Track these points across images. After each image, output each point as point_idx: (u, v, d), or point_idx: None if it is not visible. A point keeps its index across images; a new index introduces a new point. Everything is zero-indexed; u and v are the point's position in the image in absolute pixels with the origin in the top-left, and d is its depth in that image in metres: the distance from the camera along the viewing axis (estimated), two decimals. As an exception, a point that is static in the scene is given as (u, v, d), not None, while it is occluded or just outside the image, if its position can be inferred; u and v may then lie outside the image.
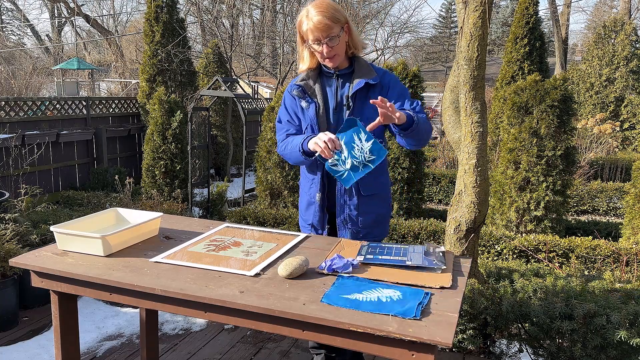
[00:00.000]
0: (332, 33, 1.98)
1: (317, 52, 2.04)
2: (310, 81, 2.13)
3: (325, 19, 1.96)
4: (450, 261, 1.80)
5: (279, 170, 5.20)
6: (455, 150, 2.93)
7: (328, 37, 1.98)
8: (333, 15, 1.98)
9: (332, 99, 2.12)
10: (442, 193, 7.14)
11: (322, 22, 1.95)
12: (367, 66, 2.12)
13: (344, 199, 2.14)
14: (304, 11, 2.02)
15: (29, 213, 4.07)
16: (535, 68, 8.33)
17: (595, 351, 2.42)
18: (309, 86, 2.12)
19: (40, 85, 14.20)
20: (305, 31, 2.01)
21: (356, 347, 1.40)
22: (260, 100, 11.25)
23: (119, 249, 1.86)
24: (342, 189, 2.13)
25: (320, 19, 1.96)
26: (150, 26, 7.64)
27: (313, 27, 1.97)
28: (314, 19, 1.97)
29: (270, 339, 3.03)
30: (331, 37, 1.98)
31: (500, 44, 33.02)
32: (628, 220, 4.44)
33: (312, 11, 1.98)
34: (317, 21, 1.96)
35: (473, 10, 2.48)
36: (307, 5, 2.04)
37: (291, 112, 2.19)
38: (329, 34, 1.98)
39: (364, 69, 2.11)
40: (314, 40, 2.00)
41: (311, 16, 1.98)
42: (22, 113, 5.96)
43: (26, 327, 3.21)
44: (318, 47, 2.01)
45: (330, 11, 1.98)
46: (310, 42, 2.02)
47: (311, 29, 1.98)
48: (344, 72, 2.12)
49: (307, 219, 2.26)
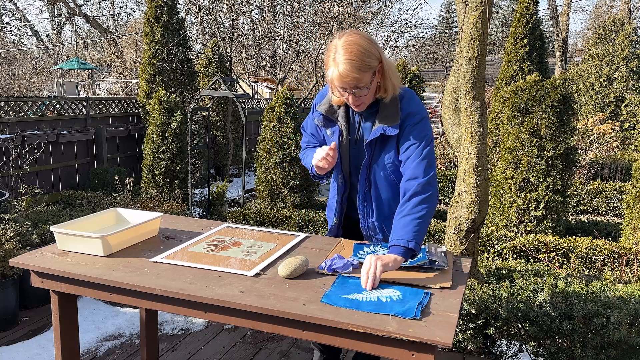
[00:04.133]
0: (360, 84, 1.75)
1: (342, 97, 1.84)
2: (335, 105, 1.97)
3: (353, 71, 1.71)
4: (450, 261, 1.80)
5: (279, 170, 5.20)
6: (455, 150, 2.93)
7: (356, 87, 1.76)
8: (363, 63, 1.71)
9: (354, 131, 1.97)
10: (442, 193, 7.14)
11: (349, 75, 1.71)
12: (394, 107, 1.86)
13: (369, 233, 2.07)
14: (333, 48, 1.76)
15: (29, 213, 4.07)
16: (535, 68, 8.33)
17: (595, 351, 2.42)
18: (333, 111, 1.97)
19: (40, 85, 14.21)
20: (330, 78, 1.78)
21: (356, 347, 1.40)
22: (260, 100, 11.25)
23: (119, 249, 1.86)
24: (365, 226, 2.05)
25: (347, 70, 1.71)
26: (150, 26, 7.64)
27: (339, 77, 1.73)
28: (339, 68, 1.72)
29: (270, 339, 3.03)
30: (359, 88, 1.77)
31: (500, 44, 33.02)
32: (628, 220, 4.44)
33: (340, 56, 1.72)
34: (344, 73, 1.71)
35: (473, 10, 2.48)
36: (338, 38, 1.77)
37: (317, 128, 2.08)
38: (356, 84, 1.75)
39: (388, 110, 1.87)
40: (340, 87, 1.78)
41: (338, 61, 1.72)
42: (22, 113, 5.96)
43: (26, 327, 3.21)
44: (344, 93, 1.80)
45: (361, 58, 1.71)
46: (335, 87, 1.81)
47: (336, 77, 1.74)
48: (368, 112, 1.92)
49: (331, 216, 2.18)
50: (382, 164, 1.92)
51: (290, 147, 5.19)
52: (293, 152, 5.19)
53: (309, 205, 5.26)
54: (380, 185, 1.97)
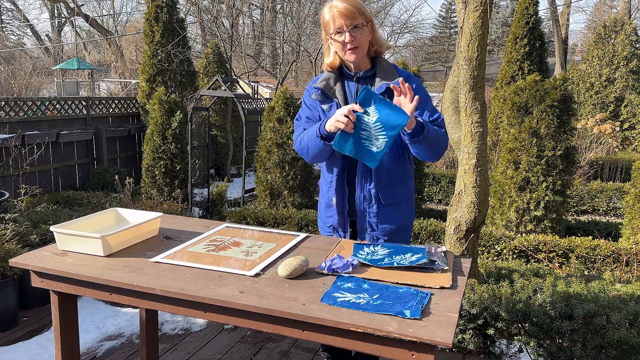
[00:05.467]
0: (356, 21, 1.91)
1: (339, 43, 1.95)
2: (331, 81, 2.05)
3: (350, 6, 1.90)
4: (450, 261, 1.80)
5: (279, 170, 5.20)
6: (455, 150, 2.93)
7: (352, 25, 1.91)
8: (358, 4, 1.93)
9: (352, 101, 2.03)
10: (442, 193, 7.14)
11: (347, 8, 1.90)
12: (390, 68, 2.03)
13: (363, 206, 2.08)
14: (327, 5, 1.97)
15: (29, 213, 4.07)
16: (535, 68, 8.33)
17: (595, 351, 2.42)
18: (329, 87, 2.04)
19: (40, 85, 14.21)
20: (328, 20, 1.95)
21: (356, 347, 1.40)
22: (260, 100, 11.25)
23: (119, 249, 1.86)
24: (361, 197, 2.07)
25: (345, 5, 1.91)
26: (150, 26, 7.64)
27: (337, 13, 1.91)
28: (338, 6, 1.91)
29: (270, 339, 3.03)
30: (355, 26, 1.91)
31: (500, 44, 33.03)
32: (628, 220, 4.44)
33: (337, 1, 1.93)
34: (343, 7, 1.90)
35: (473, 10, 2.48)
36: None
37: (312, 110, 2.12)
38: (352, 22, 1.91)
39: (386, 70, 2.02)
40: (337, 28, 1.93)
41: (335, 4, 1.93)
42: (22, 113, 5.96)
43: (26, 327, 3.21)
44: (340, 37, 1.94)
45: (355, 2, 1.93)
46: (332, 33, 1.95)
47: (335, 15, 1.91)
48: (365, 75, 2.04)
49: (327, 221, 2.20)
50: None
51: (290, 147, 5.18)
52: (293, 152, 5.19)
53: (309, 205, 5.26)
54: None
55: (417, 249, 1.86)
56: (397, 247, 1.90)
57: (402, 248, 1.88)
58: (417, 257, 1.76)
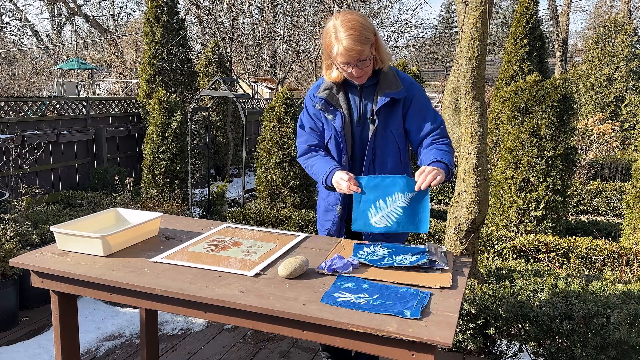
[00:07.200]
0: (362, 56, 1.86)
1: (345, 73, 1.93)
2: (334, 90, 2.04)
3: (356, 45, 1.82)
4: (450, 261, 1.80)
5: (279, 170, 5.19)
6: (455, 150, 2.93)
7: (359, 60, 1.87)
8: (363, 36, 1.84)
9: (356, 110, 2.04)
10: (442, 193, 7.14)
11: (353, 48, 1.82)
12: (393, 77, 2.01)
13: None
14: (332, 28, 1.87)
15: (29, 213, 4.07)
16: (535, 68, 8.32)
17: (595, 351, 2.42)
18: (333, 96, 2.03)
19: (40, 86, 14.22)
20: (334, 55, 1.88)
21: (356, 347, 1.40)
22: (260, 100, 11.25)
23: (119, 249, 1.86)
24: None
25: (351, 44, 1.82)
26: (150, 26, 7.64)
27: (344, 52, 1.84)
28: (344, 43, 1.83)
29: (270, 339, 3.03)
30: (362, 60, 1.87)
31: (500, 44, 33.02)
32: (628, 220, 4.44)
33: (342, 33, 1.83)
34: (349, 47, 1.82)
35: (473, 10, 2.48)
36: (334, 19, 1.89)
37: (315, 120, 2.11)
38: (359, 57, 1.86)
39: (389, 80, 1.99)
40: (343, 63, 1.88)
41: (341, 39, 1.83)
42: (22, 113, 5.96)
43: (26, 327, 3.21)
44: (347, 69, 1.90)
45: (361, 32, 1.83)
46: (338, 63, 1.90)
47: (341, 53, 1.85)
48: (368, 84, 2.02)
49: (325, 224, 2.21)
50: (388, 130, 2.02)
51: (290, 147, 5.19)
52: (293, 152, 5.19)
53: (309, 206, 5.26)
54: (384, 153, 2.05)
55: (417, 249, 1.86)
56: (397, 247, 1.90)
57: (402, 248, 1.88)
58: (417, 257, 1.76)
